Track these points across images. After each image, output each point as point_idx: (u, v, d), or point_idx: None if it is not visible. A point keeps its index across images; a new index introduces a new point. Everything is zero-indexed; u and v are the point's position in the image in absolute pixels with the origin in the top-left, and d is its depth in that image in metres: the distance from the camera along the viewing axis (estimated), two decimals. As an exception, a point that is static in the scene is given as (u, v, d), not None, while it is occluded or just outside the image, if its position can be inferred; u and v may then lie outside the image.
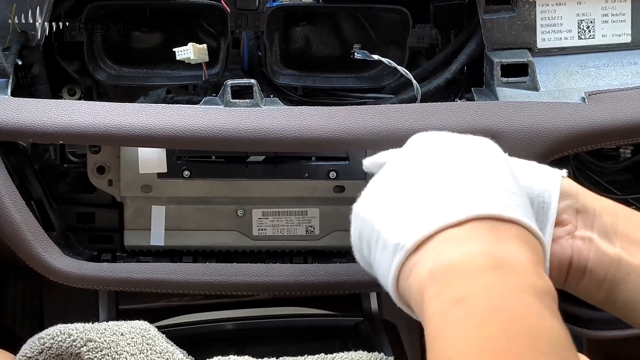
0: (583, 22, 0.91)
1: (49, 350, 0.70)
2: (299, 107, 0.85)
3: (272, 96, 0.87)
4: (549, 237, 0.62)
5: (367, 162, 0.66)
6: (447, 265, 0.48)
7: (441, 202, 0.51)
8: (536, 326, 0.44)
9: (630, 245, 0.62)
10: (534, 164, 0.65)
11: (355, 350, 0.75)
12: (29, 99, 0.83)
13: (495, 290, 0.46)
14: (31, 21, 0.86)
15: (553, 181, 0.63)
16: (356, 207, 0.59)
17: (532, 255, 0.50)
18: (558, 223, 0.62)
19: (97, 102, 0.85)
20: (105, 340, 0.71)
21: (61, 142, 0.83)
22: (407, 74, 0.88)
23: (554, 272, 0.62)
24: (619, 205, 0.64)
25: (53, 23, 0.88)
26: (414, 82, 0.88)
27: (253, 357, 0.75)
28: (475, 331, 0.44)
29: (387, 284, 0.53)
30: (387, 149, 0.88)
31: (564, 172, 0.64)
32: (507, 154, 0.61)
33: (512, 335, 0.43)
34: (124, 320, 0.76)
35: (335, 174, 0.89)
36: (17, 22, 0.86)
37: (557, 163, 0.86)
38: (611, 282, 0.61)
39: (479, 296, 0.46)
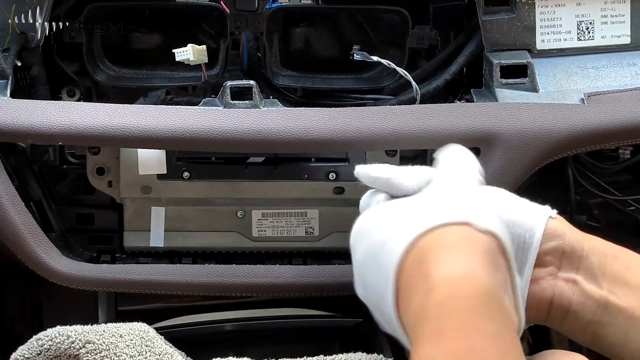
0: (582, 23, 0.91)
1: (47, 352, 0.70)
2: (299, 108, 0.85)
3: (271, 97, 0.88)
4: (527, 278, 0.61)
5: (360, 170, 0.65)
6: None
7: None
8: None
9: (618, 287, 0.61)
10: (524, 201, 0.64)
11: (355, 352, 0.75)
12: (28, 100, 0.83)
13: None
14: (31, 22, 0.86)
15: (538, 221, 0.62)
16: (353, 268, 0.62)
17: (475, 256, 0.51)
18: (540, 264, 0.62)
19: (97, 104, 0.85)
20: (104, 342, 0.71)
21: (60, 143, 0.83)
22: (406, 75, 0.88)
23: (532, 311, 0.62)
24: (609, 244, 0.64)
25: (53, 23, 0.88)
26: (413, 83, 0.88)
27: (252, 358, 0.75)
28: None
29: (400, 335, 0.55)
30: (385, 151, 0.89)
31: (553, 212, 0.64)
32: (496, 187, 0.64)
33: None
34: (123, 321, 0.76)
35: (334, 175, 0.89)
36: (16, 23, 0.86)
37: (556, 164, 0.87)
38: (597, 324, 0.61)
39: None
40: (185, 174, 0.89)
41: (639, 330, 0.60)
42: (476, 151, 0.83)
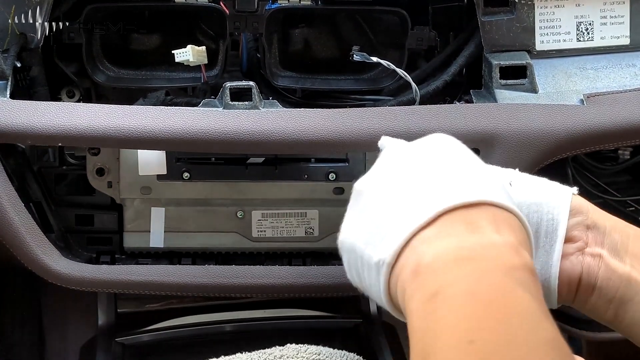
0: (582, 24, 0.91)
1: None
2: (298, 109, 0.85)
3: (270, 98, 0.88)
4: (558, 254, 0.62)
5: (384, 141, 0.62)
6: (423, 266, 0.48)
7: (407, 209, 0.52)
8: (508, 303, 0.46)
9: (638, 263, 0.61)
10: (544, 180, 0.65)
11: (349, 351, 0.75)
12: (28, 101, 0.83)
13: (468, 278, 0.47)
14: (30, 23, 0.86)
15: (563, 198, 0.63)
16: (339, 240, 0.59)
17: (506, 233, 0.50)
18: (568, 239, 0.62)
19: (96, 104, 0.85)
20: None
21: (60, 144, 0.83)
22: (405, 76, 0.88)
23: (564, 289, 0.62)
24: (630, 225, 0.64)
25: (52, 24, 0.88)
26: (413, 84, 0.88)
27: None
28: (450, 317, 0.45)
29: (383, 303, 0.54)
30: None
31: (575, 189, 0.64)
32: (517, 169, 0.65)
33: (484, 316, 0.45)
34: (123, 322, 0.76)
35: (334, 176, 0.89)
36: (16, 23, 0.86)
37: (555, 165, 0.87)
38: (620, 300, 0.61)
39: (452, 285, 0.47)
40: (185, 174, 0.89)
41: None
42: (476, 152, 0.83)
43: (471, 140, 0.82)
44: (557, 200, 0.62)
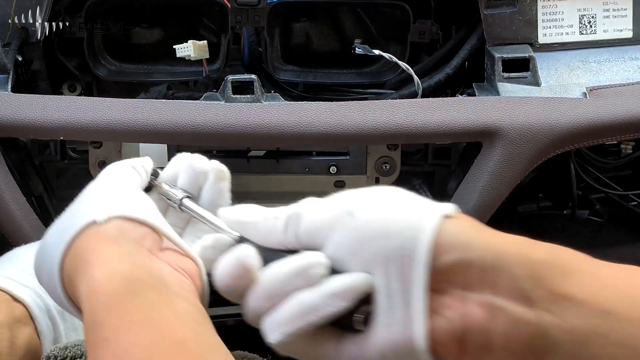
0: (584, 17, 0.91)
1: None
2: (300, 102, 0.85)
3: (272, 92, 0.87)
4: (419, 308, 0.45)
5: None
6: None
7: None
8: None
9: (556, 304, 0.45)
10: (408, 200, 0.48)
11: None
12: (30, 95, 0.83)
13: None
14: (31, 17, 0.86)
15: (424, 227, 0.46)
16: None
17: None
18: (439, 288, 0.46)
19: (98, 98, 0.85)
20: None
21: (62, 138, 0.83)
22: (408, 69, 0.88)
23: (445, 354, 0.47)
24: (541, 245, 0.48)
25: (53, 21, 0.88)
26: (415, 77, 0.88)
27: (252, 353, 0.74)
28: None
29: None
30: (387, 145, 0.89)
31: (451, 209, 0.47)
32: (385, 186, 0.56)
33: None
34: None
35: (335, 169, 0.89)
36: (17, 18, 0.85)
37: (558, 159, 0.87)
38: (533, 356, 0.46)
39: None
40: (187, 168, 0.89)
41: (589, 357, 0.45)
42: (478, 145, 0.83)
43: (473, 133, 0.82)
44: (413, 230, 0.46)
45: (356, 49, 0.88)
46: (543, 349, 0.45)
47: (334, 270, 0.48)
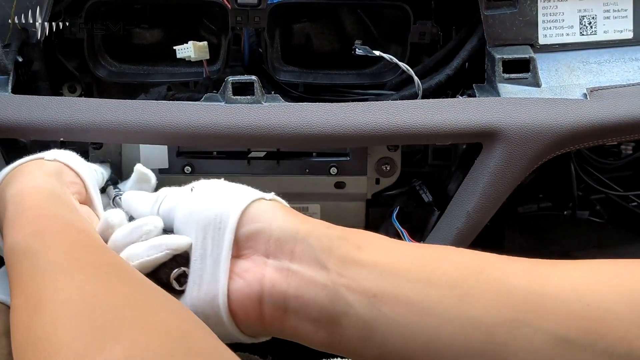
0: (585, 18, 0.91)
1: None
2: (301, 103, 0.85)
3: (273, 93, 0.87)
4: (224, 269, 0.53)
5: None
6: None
7: None
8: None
9: (348, 269, 0.50)
10: (237, 188, 0.59)
11: None
12: (30, 96, 0.83)
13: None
14: (31, 18, 0.86)
15: (236, 204, 0.55)
16: None
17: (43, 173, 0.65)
18: (242, 254, 0.54)
19: (98, 99, 0.84)
20: None
21: (62, 139, 0.83)
22: (408, 70, 0.88)
23: (244, 314, 0.53)
24: (337, 227, 0.54)
25: (53, 22, 0.88)
26: (415, 78, 0.88)
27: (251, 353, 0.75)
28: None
29: None
30: (387, 146, 0.89)
31: (268, 195, 0.57)
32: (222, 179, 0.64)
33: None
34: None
35: (336, 170, 0.89)
36: (17, 18, 0.85)
37: (558, 159, 0.87)
38: (329, 318, 0.50)
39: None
40: (187, 168, 0.89)
41: (381, 318, 0.48)
42: (478, 146, 0.83)
43: (474, 134, 0.82)
44: (227, 206, 0.55)
45: (357, 49, 0.88)
46: (337, 310, 0.50)
47: None
